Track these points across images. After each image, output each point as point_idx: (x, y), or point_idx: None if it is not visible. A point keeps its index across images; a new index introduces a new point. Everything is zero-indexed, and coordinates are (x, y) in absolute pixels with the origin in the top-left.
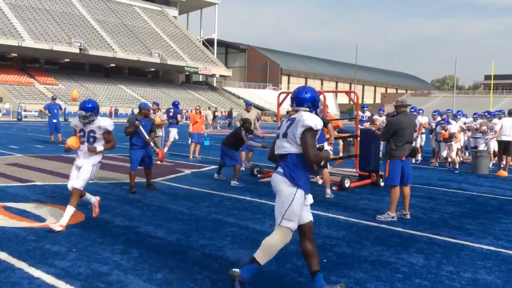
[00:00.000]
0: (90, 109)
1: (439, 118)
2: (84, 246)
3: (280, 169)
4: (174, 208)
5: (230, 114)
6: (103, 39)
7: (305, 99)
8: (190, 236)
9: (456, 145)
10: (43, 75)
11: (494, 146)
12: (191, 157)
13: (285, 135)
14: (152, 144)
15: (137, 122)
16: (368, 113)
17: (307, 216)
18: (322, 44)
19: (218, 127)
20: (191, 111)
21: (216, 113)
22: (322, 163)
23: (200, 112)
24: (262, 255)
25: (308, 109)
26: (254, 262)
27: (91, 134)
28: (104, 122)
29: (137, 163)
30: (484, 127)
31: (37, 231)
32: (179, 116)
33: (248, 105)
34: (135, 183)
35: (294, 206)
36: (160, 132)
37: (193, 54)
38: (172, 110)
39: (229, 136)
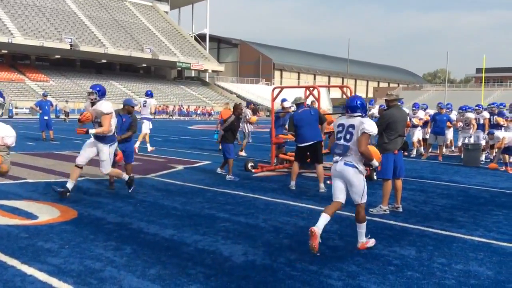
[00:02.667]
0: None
1: (420, 112)
2: (76, 243)
3: None
4: (167, 204)
5: (255, 111)
6: (94, 35)
7: None
8: (183, 232)
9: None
10: (34, 72)
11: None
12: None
13: None
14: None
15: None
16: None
17: None
18: (315, 39)
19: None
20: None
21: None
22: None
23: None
24: None
25: None
26: None
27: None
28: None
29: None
30: (460, 124)
31: (29, 228)
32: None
33: (284, 101)
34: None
35: None
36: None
37: (185, 49)
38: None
39: (225, 130)
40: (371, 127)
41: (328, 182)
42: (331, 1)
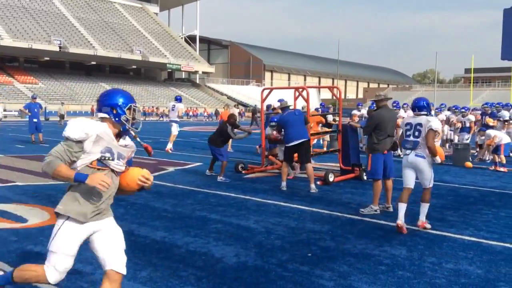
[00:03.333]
0: None
1: (402, 111)
2: None
3: None
4: (158, 206)
5: (255, 112)
6: (83, 36)
7: None
8: (174, 234)
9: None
10: (23, 74)
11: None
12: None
13: None
14: (138, 139)
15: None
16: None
17: None
18: (305, 40)
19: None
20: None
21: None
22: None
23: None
24: None
25: None
26: None
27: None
28: None
29: None
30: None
31: (18, 231)
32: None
33: (281, 101)
34: None
35: None
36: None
37: (175, 51)
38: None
39: (215, 134)
40: (437, 125)
41: (319, 183)
42: (321, 2)
